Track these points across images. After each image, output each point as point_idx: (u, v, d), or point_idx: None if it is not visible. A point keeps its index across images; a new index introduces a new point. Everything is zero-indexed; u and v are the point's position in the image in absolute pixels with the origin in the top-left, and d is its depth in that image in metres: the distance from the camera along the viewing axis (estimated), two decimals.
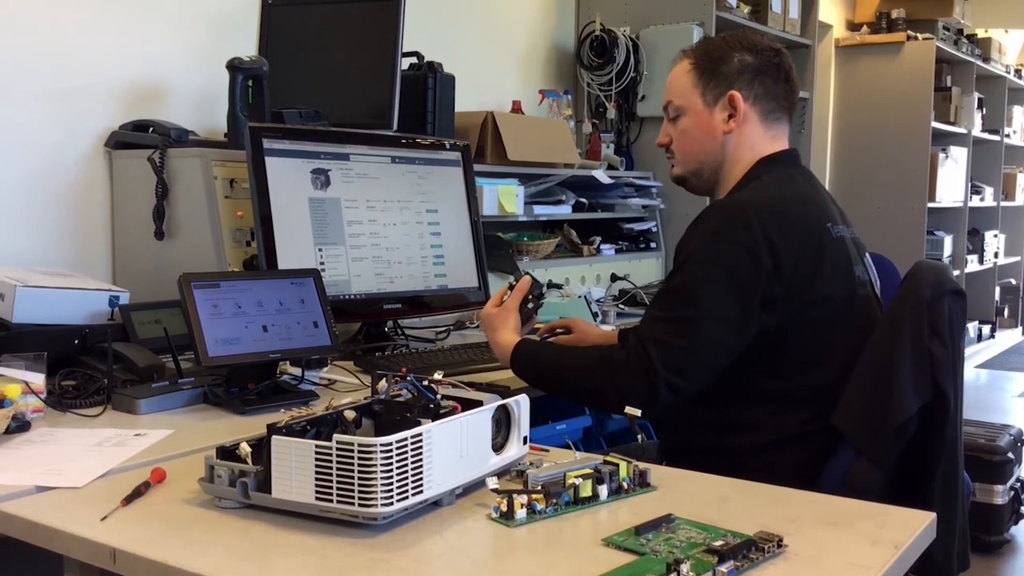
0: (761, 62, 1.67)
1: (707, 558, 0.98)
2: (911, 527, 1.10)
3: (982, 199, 6.81)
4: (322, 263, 2.05)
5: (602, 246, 3.35)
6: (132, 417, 1.57)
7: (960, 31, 6.24)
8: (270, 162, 2.02)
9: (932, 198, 5.71)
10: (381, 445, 1.03)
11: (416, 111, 2.61)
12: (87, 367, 1.73)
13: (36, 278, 1.86)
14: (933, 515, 1.14)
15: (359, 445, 1.03)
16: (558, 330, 2.01)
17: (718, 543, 1.01)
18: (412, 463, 1.07)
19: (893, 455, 1.47)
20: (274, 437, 1.09)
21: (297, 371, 1.76)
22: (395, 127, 2.34)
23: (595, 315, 2.63)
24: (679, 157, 1.74)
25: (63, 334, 1.78)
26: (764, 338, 1.53)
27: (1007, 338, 7.27)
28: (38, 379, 1.55)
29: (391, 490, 1.04)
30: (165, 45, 2.37)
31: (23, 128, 2.11)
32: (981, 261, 6.72)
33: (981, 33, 6.72)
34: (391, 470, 1.04)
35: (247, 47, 2.41)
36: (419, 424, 1.11)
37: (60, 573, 1.16)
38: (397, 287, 2.22)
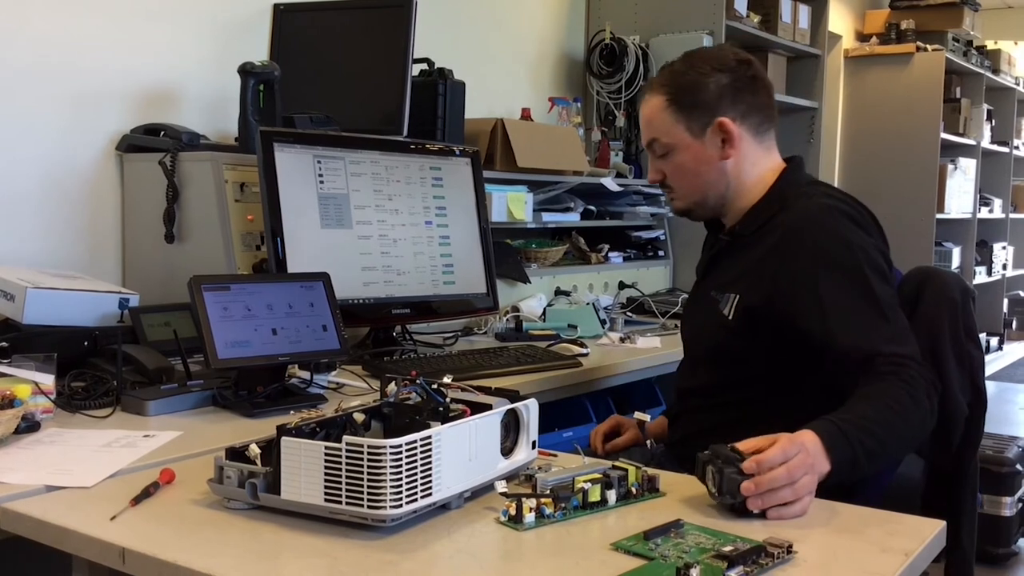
0: (736, 79, 1.62)
1: (716, 563, 0.97)
2: (921, 535, 1.09)
3: (991, 211, 6.79)
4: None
5: (610, 254, 3.35)
6: (141, 419, 1.58)
7: (970, 42, 6.23)
8: (281, 166, 2.03)
9: (941, 209, 5.70)
10: (391, 447, 1.03)
11: (426, 117, 2.62)
12: (97, 369, 1.74)
13: (47, 280, 1.86)
14: (943, 523, 1.14)
15: (369, 447, 1.03)
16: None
17: (727, 548, 1.01)
18: (421, 466, 1.07)
19: (952, 456, 1.51)
20: (284, 438, 1.09)
21: (306, 374, 1.77)
22: (405, 133, 2.34)
23: (603, 322, 2.63)
24: (680, 192, 1.70)
25: (73, 336, 1.79)
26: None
27: (1015, 350, 7.25)
28: (48, 380, 1.56)
29: (400, 492, 1.04)
30: (177, 49, 2.38)
31: (35, 131, 2.12)
32: (989, 273, 6.70)
33: (991, 45, 6.71)
34: (400, 472, 1.04)
35: (259, 52, 2.42)
36: (428, 427, 1.11)
37: (69, 573, 1.16)
38: (406, 292, 2.23)
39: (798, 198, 1.60)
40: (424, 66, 2.71)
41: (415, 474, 1.06)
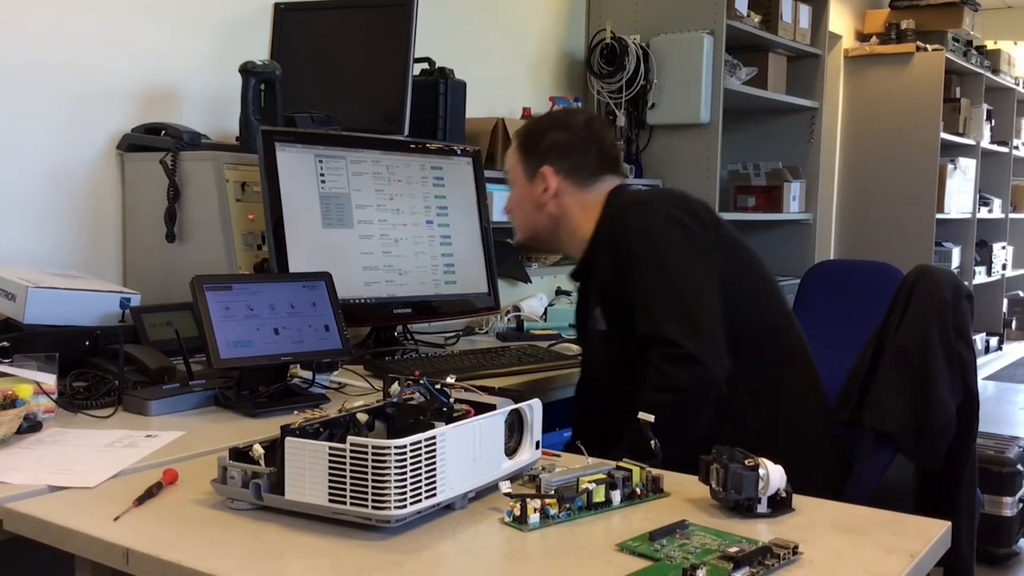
0: (570, 137, 1.81)
1: (722, 564, 0.97)
2: (927, 535, 1.09)
3: (990, 211, 6.79)
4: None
5: None
6: (143, 419, 1.57)
7: (969, 42, 6.23)
8: (282, 166, 2.03)
9: (940, 209, 5.69)
10: (395, 447, 1.03)
11: (427, 117, 2.61)
12: (98, 368, 1.74)
13: (48, 279, 1.86)
14: (948, 524, 1.14)
15: (373, 447, 1.03)
16: None
17: (733, 549, 1.00)
18: (426, 466, 1.07)
19: (942, 457, 1.50)
20: (288, 439, 1.09)
21: (308, 374, 1.76)
22: (406, 132, 2.34)
23: None
24: (516, 224, 1.92)
25: (74, 335, 1.79)
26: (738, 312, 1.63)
27: (1015, 350, 7.24)
28: (50, 380, 1.55)
29: (404, 493, 1.04)
30: (178, 49, 2.37)
31: (36, 130, 2.11)
32: (989, 273, 6.70)
33: (990, 45, 6.70)
34: (405, 473, 1.04)
35: (260, 51, 2.42)
36: (432, 427, 1.11)
37: (72, 573, 1.16)
38: (407, 292, 2.22)
39: (606, 218, 1.77)
40: (425, 65, 2.71)
41: (419, 475, 1.06)
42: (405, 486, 1.04)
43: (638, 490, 1.21)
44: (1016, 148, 7.09)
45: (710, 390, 1.54)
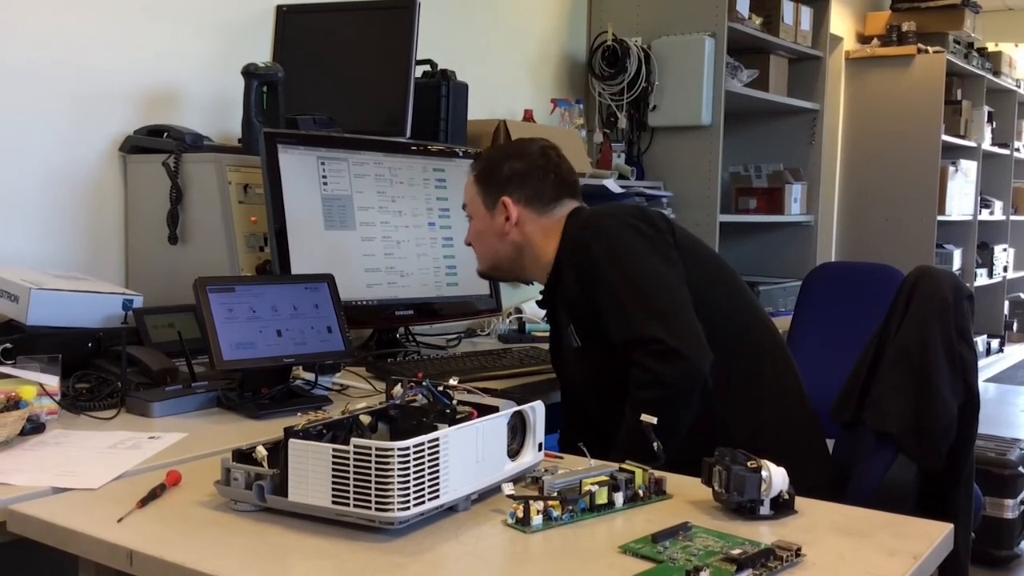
0: (527, 165, 1.84)
1: (725, 566, 0.97)
2: (929, 538, 1.09)
3: (992, 213, 6.79)
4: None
5: None
6: (146, 420, 1.58)
7: (970, 44, 6.23)
8: (284, 168, 2.03)
9: (941, 211, 5.69)
10: (399, 449, 1.03)
11: (429, 118, 2.61)
12: (101, 370, 1.74)
13: (51, 281, 1.86)
14: (950, 526, 1.14)
15: (377, 449, 1.03)
16: None
17: (736, 551, 1.00)
18: (429, 468, 1.07)
19: (943, 458, 1.51)
20: (291, 440, 1.09)
21: (310, 376, 1.76)
22: (408, 134, 2.34)
23: None
24: (478, 255, 1.92)
25: (77, 337, 1.79)
26: (710, 312, 1.65)
27: (1016, 352, 7.24)
28: (53, 381, 1.55)
29: (408, 495, 1.04)
30: (181, 51, 2.37)
31: (38, 132, 2.11)
32: (990, 275, 6.70)
33: (991, 47, 6.71)
34: (408, 474, 1.04)
35: (262, 53, 2.42)
36: (435, 429, 1.11)
37: (74, 574, 1.16)
38: (409, 293, 2.23)
39: (565, 239, 1.78)
40: (427, 67, 2.71)
41: (423, 476, 1.06)
42: (408, 488, 1.04)
43: (641, 492, 1.21)
44: (1017, 150, 7.10)
45: (696, 383, 1.56)
